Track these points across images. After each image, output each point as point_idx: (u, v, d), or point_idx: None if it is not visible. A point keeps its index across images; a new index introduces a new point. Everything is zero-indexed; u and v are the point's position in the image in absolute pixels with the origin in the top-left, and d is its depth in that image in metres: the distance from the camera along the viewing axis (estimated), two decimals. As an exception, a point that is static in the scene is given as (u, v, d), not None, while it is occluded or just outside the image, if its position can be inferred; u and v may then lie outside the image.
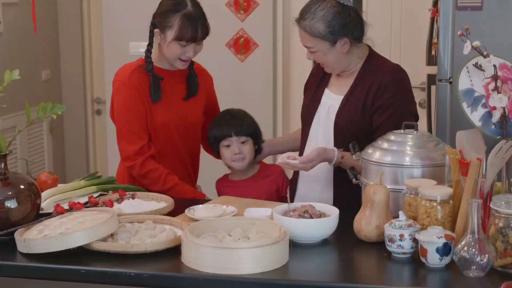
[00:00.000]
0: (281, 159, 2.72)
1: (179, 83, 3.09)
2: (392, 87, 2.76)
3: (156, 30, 3.00)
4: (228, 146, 3.04)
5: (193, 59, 3.08)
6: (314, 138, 2.89)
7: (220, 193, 3.15)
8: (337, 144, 2.79)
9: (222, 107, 3.29)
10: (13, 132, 4.77)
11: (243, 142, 3.04)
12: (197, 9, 2.97)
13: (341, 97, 2.85)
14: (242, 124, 3.06)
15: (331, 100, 2.87)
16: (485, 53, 2.19)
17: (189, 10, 2.93)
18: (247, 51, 4.71)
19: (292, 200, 2.84)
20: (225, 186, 3.16)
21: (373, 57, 2.88)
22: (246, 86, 4.59)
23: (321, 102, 2.89)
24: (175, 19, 2.92)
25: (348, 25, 2.75)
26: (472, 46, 2.19)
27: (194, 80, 3.10)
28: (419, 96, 4.51)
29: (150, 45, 3.05)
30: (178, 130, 3.07)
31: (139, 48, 4.80)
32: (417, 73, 4.44)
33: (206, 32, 2.97)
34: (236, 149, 3.02)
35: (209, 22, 2.99)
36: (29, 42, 5.28)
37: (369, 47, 2.89)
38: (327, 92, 2.90)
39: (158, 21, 2.99)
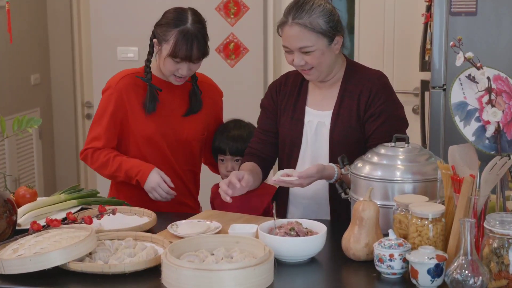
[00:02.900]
0: (276, 177, 2.57)
1: (180, 97, 2.98)
2: (382, 94, 2.70)
3: (154, 40, 2.90)
4: (222, 160, 3.06)
5: (199, 73, 3.00)
6: (305, 160, 2.75)
7: (212, 198, 3.11)
8: (332, 160, 2.68)
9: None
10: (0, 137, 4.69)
11: (237, 161, 3.03)
12: (197, 27, 2.84)
13: (328, 113, 2.74)
14: (239, 145, 3.01)
15: (318, 118, 2.75)
16: (478, 64, 2.09)
17: (187, 27, 2.81)
18: (237, 56, 4.61)
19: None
20: (217, 194, 3.09)
21: (352, 65, 2.81)
22: (236, 91, 4.48)
23: (305, 122, 2.77)
24: (172, 34, 2.81)
25: (340, 22, 2.69)
26: (465, 58, 2.09)
27: (197, 96, 2.99)
28: (412, 102, 4.43)
29: (150, 54, 2.94)
30: (170, 146, 2.97)
31: (128, 53, 4.74)
32: (411, 78, 4.37)
33: (202, 52, 2.85)
34: (229, 167, 3.04)
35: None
36: (18, 46, 5.20)
37: (345, 56, 2.81)
38: (309, 111, 2.77)
39: (157, 32, 2.88)
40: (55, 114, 5.69)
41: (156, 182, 2.83)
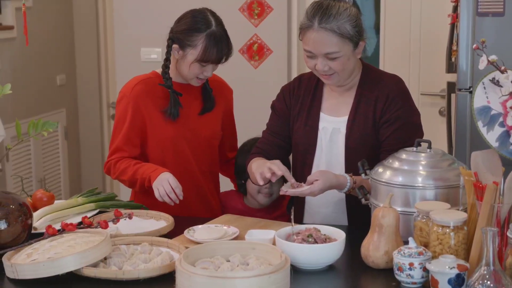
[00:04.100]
0: (285, 187, 2.51)
1: (194, 97, 2.95)
2: (399, 99, 2.63)
3: (174, 46, 2.84)
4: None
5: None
6: (319, 167, 2.67)
7: (224, 206, 3.06)
8: (349, 168, 2.62)
9: (235, 115, 3.15)
10: (26, 137, 4.69)
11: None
12: (221, 28, 2.81)
13: (344, 119, 2.67)
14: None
15: (333, 124, 2.68)
16: (502, 68, 2.02)
17: (214, 30, 2.78)
18: (261, 58, 4.56)
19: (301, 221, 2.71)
20: (231, 202, 3.06)
21: (369, 70, 2.72)
22: (259, 93, 4.44)
23: (319, 128, 2.69)
24: (199, 39, 2.77)
25: (363, 27, 2.61)
26: (489, 61, 2.02)
27: (209, 94, 2.96)
28: (439, 104, 4.35)
29: (167, 60, 2.89)
30: (191, 146, 2.92)
31: (151, 54, 4.71)
32: (437, 80, 4.28)
33: (230, 52, 2.82)
34: (267, 185, 2.83)
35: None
36: (44, 47, 5.22)
37: (361, 59, 2.72)
38: (323, 117, 2.70)
39: (178, 38, 2.82)
40: (80, 115, 5.70)
41: (167, 177, 2.71)
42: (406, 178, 2.32)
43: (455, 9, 3.57)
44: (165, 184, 2.69)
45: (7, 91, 2.32)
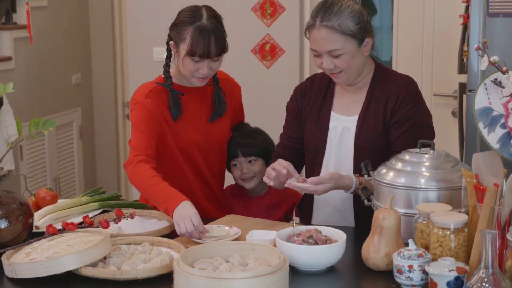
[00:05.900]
0: (291, 180, 2.50)
1: (204, 102, 2.89)
2: (410, 100, 2.60)
3: (171, 43, 2.80)
4: (235, 165, 2.98)
5: (216, 72, 2.89)
6: (329, 166, 2.67)
7: (228, 202, 3.05)
8: (357, 167, 2.59)
9: (247, 115, 3.13)
10: (41, 136, 4.71)
11: (250, 162, 2.94)
12: (212, 22, 2.73)
13: (354, 118, 2.65)
14: (251, 144, 2.93)
15: (343, 123, 2.66)
16: (504, 68, 1.99)
17: (203, 23, 2.71)
18: (273, 58, 4.55)
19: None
20: (234, 196, 3.06)
21: (381, 69, 2.70)
22: (271, 93, 4.43)
23: (329, 127, 2.68)
24: (187, 32, 2.71)
25: (369, 23, 2.60)
26: (490, 61, 1.99)
27: (220, 99, 2.90)
28: (452, 105, 4.31)
29: (168, 58, 2.84)
30: (202, 151, 2.87)
31: (163, 54, 4.69)
32: (450, 81, 4.24)
33: (220, 48, 2.72)
34: (244, 169, 2.95)
35: (234, 27, 2.79)
36: (59, 46, 5.24)
37: (374, 59, 2.71)
38: (334, 115, 2.68)
39: (173, 33, 2.78)
40: (96, 114, 5.72)
41: (189, 214, 2.45)
42: (409, 179, 2.28)
43: (467, 9, 3.54)
44: (187, 223, 2.44)
45: (9, 90, 2.32)
